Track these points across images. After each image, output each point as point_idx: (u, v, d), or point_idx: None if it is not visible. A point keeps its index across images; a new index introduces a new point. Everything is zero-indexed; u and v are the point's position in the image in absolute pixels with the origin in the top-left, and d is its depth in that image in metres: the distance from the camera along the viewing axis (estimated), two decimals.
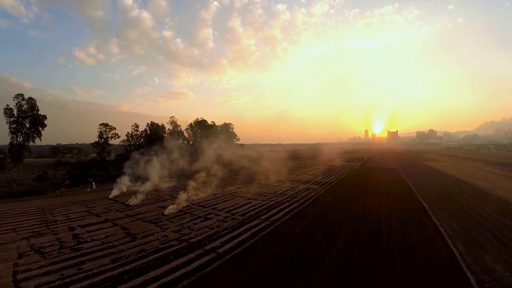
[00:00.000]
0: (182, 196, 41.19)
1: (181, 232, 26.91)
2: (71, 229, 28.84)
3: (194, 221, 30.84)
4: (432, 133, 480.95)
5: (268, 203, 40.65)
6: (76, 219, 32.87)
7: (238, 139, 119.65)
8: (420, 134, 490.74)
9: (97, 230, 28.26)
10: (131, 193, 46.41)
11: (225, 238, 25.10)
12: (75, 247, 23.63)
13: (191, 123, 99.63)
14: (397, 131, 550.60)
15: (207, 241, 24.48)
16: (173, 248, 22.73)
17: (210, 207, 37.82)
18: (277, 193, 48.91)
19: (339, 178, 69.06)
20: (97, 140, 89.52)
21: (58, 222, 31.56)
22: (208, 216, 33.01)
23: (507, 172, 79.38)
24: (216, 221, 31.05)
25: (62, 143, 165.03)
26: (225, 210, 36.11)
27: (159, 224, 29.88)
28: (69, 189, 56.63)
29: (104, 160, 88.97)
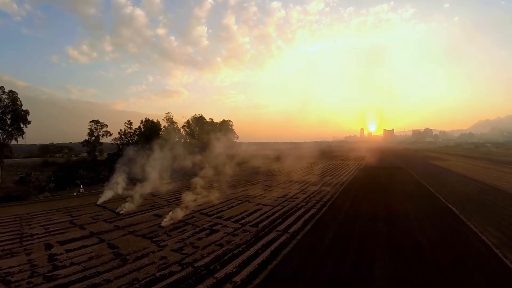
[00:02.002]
0: (182, 201, 36.05)
1: (183, 252, 21.59)
2: (48, 247, 23.39)
3: (197, 235, 25.50)
4: (428, 131, 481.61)
5: (281, 209, 35.59)
6: (56, 232, 27.36)
7: (237, 137, 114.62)
8: (416, 133, 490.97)
9: (79, 248, 22.83)
10: (123, 198, 41.01)
11: (240, 260, 19.86)
12: (49, 274, 18.27)
13: (188, 120, 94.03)
14: (393, 129, 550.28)
15: (217, 264, 19.23)
16: (175, 277, 17.45)
17: (215, 215, 32.51)
18: (287, 196, 43.89)
19: (348, 179, 64.25)
20: (87, 139, 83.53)
21: (35, 237, 26.08)
22: (214, 228, 27.66)
23: (509, 169, 76.17)
24: (224, 234, 25.79)
25: (56, 142, 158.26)
26: (232, 219, 30.86)
27: (155, 239, 24.46)
28: (54, 193, 50.82)
29: (94, 160, 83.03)
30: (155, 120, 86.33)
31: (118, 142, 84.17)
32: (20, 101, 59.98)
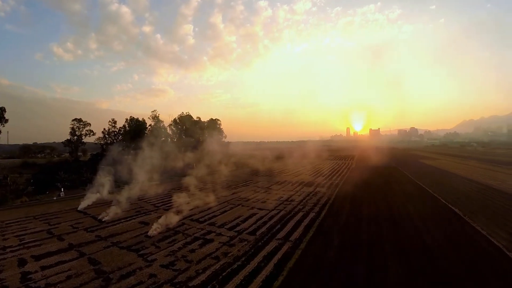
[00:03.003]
0: (170, 206, 33.34)
1: (174, 268, 19.00)
2: (22, 263, 20.44)
3: (189, 246, 22.92)
4: (413, 131, 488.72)
5: (278, 213, 33.41)
6: (32, 244, 24.31)
7: (225, 136, 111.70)
8: (402, 132, 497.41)
9: (56, 264, 19.96)
10: (106, 203, 38.04)
11: (240, 277, 17.47)
12: None
13: (175, 118, 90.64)
14: (379, 129, 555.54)
15: (215, 283, 16.81)
16: None
17: (207, 222, 29.92)
18: (282, 199, 41.72)
19: (342, 179, 62.64)
20: (69, 138, 79.22)
21: (8, 250, 23.04)
22: (207, 237, 25.11)
23: (505, 169, 76.88)
24: (219, 244, 23.32)
25: (40, 142, 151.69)
26: (227, 226, 28.39)
27: (142, 252, 21.76)
28: (33, 197, 47.04)
29: (77, 160, 78.83)
30: (140, 119, 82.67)
31: (102, 142, 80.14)
32: None
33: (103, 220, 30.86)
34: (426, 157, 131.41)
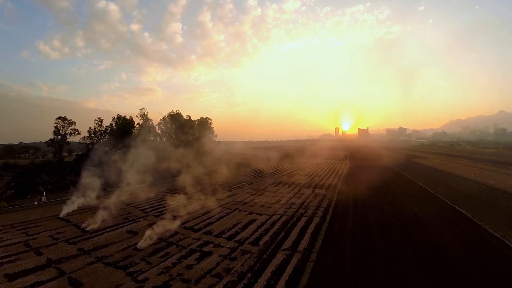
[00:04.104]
0: (161, 212, 30.46)
1: None
2: None
3: (185, 261, 20.10)
4: (402, 130, 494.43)
5: (279, 218, 30.98)
6: (6, 260, 21.09)
7: (216, 136, 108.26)
8: (390, 131, 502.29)
9: (32, 287, 17.03)
10: (91, 208, 34.97)
11: None
12: None
13: (164, 117, 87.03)
14: (367, 128, 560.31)
15: None
16: None
17: (203, 231, 27.09)
18: (281, 202, 39.32)
19: (340, 180, 60.69)
20: (52, 138, 74.86)
21: None
22: (204, 249, 22.33)
23: (500, 168, 77.01)
24: (219, 258, 20.62)
25: (26, 141, 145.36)
26: (225, 235, 25.67)
27: (130, 270, 18.84)
28: (12, 202, 43.03)
29: (61, 161, 74.60)
30: (128, 117, 78.73)
31: (88, 142, 75.96)
32: None
33: (86, 229, 27.66)
34: (418, 156, 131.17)
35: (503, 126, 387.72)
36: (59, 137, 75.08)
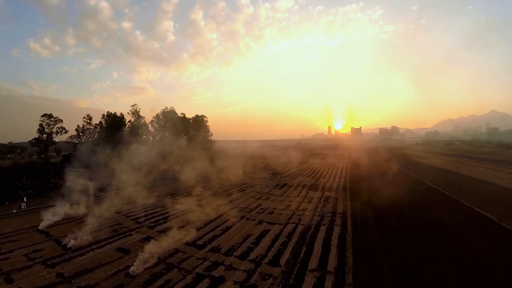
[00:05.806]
0: (156, 222, 26.09)
1: None
2: None
3: None
4: (395, 129, 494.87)
5: (294, 227, 27.13)
6: None
7: (211, 134, 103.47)
8: (383, 131, 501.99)
9: None
10: (75, 218, 30.52)
11: None
12: None
13: (157, 114, 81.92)
14: (360, 127, 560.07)
15: None
16: None
17: (209, 247, 22.72)
18: (291, 207, 35.37)
19: (347, 181, 57.19)
20: (37, 136, 69.28)
21: None
22: (214, 275, 17.86)
23: (504, 168, 75.55)
24: (235, 286, 16.43)
25: (16, 141, 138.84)
26: (237, 253, 21.37)
27: None
28: None
29: (46, 162, 69.09)
30: (118, 114, 73.52)
31: (75, 141, 70.56)
32: None
33: (68, 246, 23.01)
34: (418, 156, 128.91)
35: (495, 126, 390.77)
36: (44, 136, 69.52)
